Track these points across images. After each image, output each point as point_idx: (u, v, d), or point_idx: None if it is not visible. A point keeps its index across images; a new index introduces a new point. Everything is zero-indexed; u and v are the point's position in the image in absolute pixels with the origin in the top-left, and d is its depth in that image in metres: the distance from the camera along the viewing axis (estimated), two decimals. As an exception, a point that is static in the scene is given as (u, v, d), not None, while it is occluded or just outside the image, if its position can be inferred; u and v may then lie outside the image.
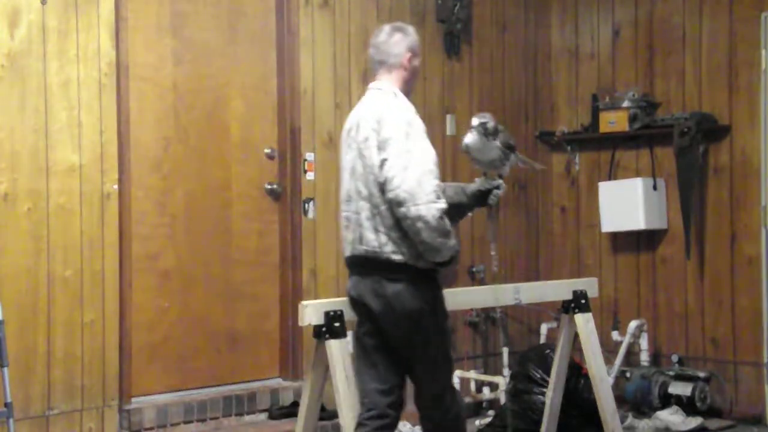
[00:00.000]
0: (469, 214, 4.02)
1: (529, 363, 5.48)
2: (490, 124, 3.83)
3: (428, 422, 3.74)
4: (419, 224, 3.43)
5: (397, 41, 3.74)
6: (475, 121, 3.85)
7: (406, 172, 3.45)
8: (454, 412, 3.71)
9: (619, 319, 6.24)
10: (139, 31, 4.86)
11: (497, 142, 3.84)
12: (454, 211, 3.76)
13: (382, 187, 3.51)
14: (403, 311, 3.54)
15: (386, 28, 3.80)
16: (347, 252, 3.70)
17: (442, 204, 3.50)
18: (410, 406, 5.82)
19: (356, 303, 3.67)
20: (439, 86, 6.08)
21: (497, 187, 3.86)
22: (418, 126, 3.57)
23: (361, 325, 3.68)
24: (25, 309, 4.32)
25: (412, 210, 3.43)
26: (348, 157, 3.68)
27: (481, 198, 3.89)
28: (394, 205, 3.47)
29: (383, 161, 3.50)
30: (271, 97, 5.40)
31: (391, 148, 3.50)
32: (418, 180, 3.44)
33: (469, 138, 3.85)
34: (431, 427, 3.74)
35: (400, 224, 3.50)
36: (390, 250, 3.54)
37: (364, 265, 3.63)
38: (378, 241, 3.56)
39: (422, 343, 3.60)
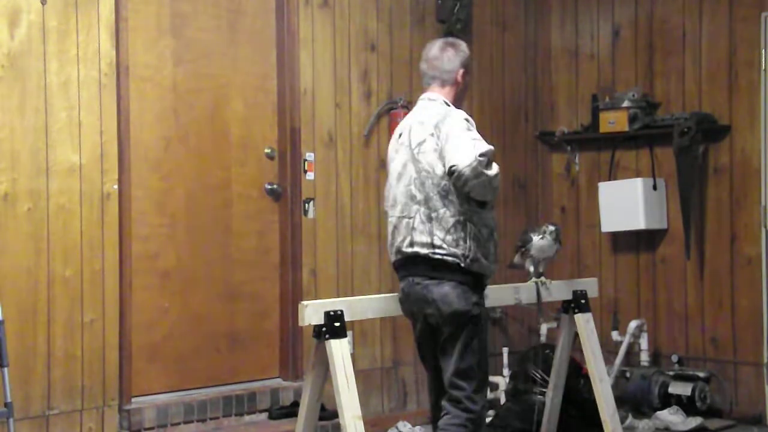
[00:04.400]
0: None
1: (529, 363, 5.48)
2: (560, 231, 4.40)
3: (449, 418, 3.76)
4: (495, 182, 3.63)
5: (450, 57, 3.88)
6: (551, 228, 4.35)
7: (472, 150, 3.57)
8: (477, 415, 3.76)
9: (619, 319, 6.24)
10: (139, 31, 4.86)
11: (558, 245, 4.37)
12: None
13: (441, 189, 3.65)
14: (448, 313, 3.67)
15: (439, 43, 3.95)
16: (394, 256, 3.83)
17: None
18: (412, 405, 5.84)
19: (406, 312, 3.87)
20: (439, 86, 6.07)
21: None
22: (474, 125, 3.75)
23: (414, 327, 3.92)
24: (25, 309, 4.32)
25: (487, 174, 3.59)
26: (396, 162, 3.83)
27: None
28: (468, 179, 3.56)
29: (446, 149, 3.63)
30: (271, 97, 5.40)
31: (454, 137, 3.64)
32: (483, 154, 3.58)
33: (540, 240, 4.31)
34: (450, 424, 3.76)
35: (457, 227, 3.64)
36: (442, 253, 3.66)
37: (412, 268, 3.75)
38: (432, 244, 3.67)
39: (463, 345, 3.71)
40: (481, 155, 3.57)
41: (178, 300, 5.00)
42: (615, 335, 6.19)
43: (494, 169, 3.64)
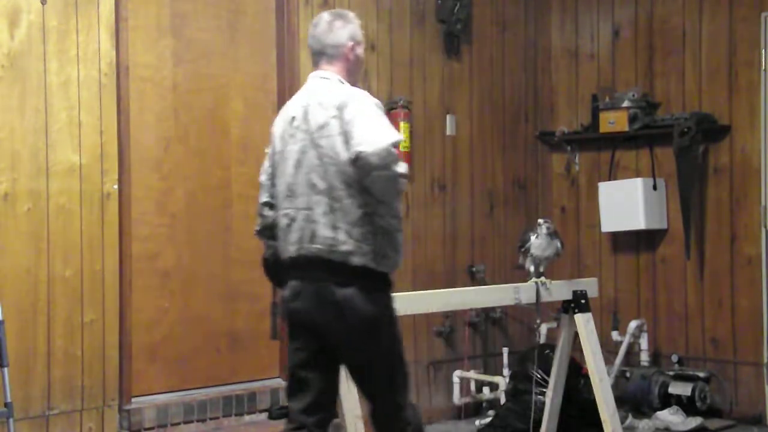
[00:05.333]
0: None
1: (529, 363, 5.48)
2: (552, 227, 4.43)
3: None
4: (402, 180, 3.23)
5: (337, 31, 3.50)
6: (542, 224, 4.37)
7: (383, 136, 3.20)
8: (412, 429, 3.42)
9: (619, 319, 6.24)
10: (139, 31, 4.86)
11: (557, 242, 4.39)
12: None
13: (347, 178, 3.25)
14: (355, 319, 3.27)
15: (325, 15, 3.56)
16: (290, 253, 3.38)
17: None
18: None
19: (294, 313, 3.40)
20: (439, 86, 6.08)
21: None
22: (384, 111, 3.40)
23: (295, 339, 3.45)
24: (25, 309, 4.32)
25: (394, 169, 3.19)
26: (293, 148, 3.39)
27: None
28: (374, 168, 3.16)
29: (353, 132, 3.23)
30: (271, 97, 5.40)
31: (362, 119, 3.26)
32: (394, 144, 3.21)
33: (536, 239, 4.34)
34: None
35: (364, 220, 3.26)
36: (347, 249, 3.26)
37: (311, 267, 3.33)
38: (335, 239, 3.27)
39: (378, 353, 3.35)
40: (393, 145, 3.20)
41: (178, 300, 5.00)
42: (615, 335, 6.19)
43: (402, 167, 3.24)
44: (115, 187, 4.63)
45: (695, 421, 5.57)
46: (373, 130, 3.23)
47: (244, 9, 5.31)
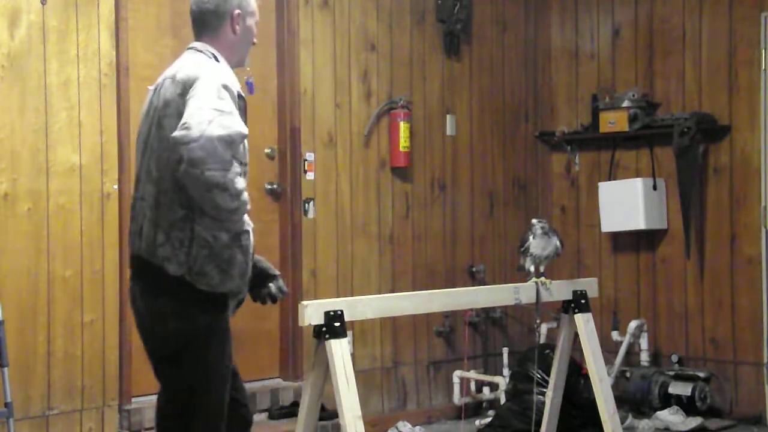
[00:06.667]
0: None
1: (529, 363, 5.48)
2: (548, 225, 4.34)
3: None
4: (215, 191, 2.69)
5: None
6: (536, 224, 4.31)
7: (204, 124, 2.66)
8: None
9: (619, 319, 6.24)
10: (139, 31, 4.86)
11: (555, 239, 4.33)
12: None
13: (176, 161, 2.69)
14: (160, 334, 2.85)
15: None
16: (130, 249, 2.99)
17: (244, 181, 2.83)
18: (412, 405, 5.84)
19: (135, 319, 3.02)
20: (439, 86, 6.08)
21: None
22: (232, 96, 2.85)
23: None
24: (25, 309, 4.33)
25: (206, 172, 2.65)
26: (143, 128, 2.97)
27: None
28: (181, 160, 2.64)
29: (184, 115, 2.71)
30: (271, 97, 5.40)
31: (194, 100, 2.72)
32: (222, 140, 2.67)
33: (534, 239, 4.29)
34: None
35: (185, 223, 2.78)
36: (165, 254, 2.79)
37: (136, 267, 2.94)
38: (156, 239, 2.81)
39: (175, 381, 2.87)
40: (220, 139, 2.66)
41: (178, 300, 4.99)
42: (615, 335, 6.19)
43: (227, 176, 2.69)
44: (115, 187, 4.63)
45: (695, 421, 5.57)
46: (197, 114, 2.67)
47: (244, 9, 5.30)
